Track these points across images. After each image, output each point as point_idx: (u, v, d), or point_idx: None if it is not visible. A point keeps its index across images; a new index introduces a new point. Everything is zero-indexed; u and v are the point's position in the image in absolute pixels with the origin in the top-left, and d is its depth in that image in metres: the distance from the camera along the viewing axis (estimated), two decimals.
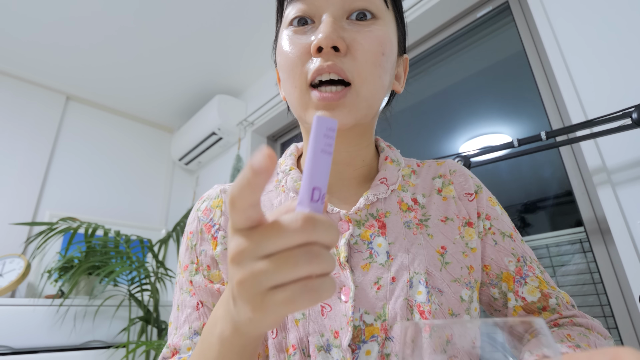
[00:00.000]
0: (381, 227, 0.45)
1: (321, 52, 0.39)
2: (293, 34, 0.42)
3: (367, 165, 0.51)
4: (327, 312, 0.40)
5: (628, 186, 0.87)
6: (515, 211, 1.25)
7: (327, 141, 0.23)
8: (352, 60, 0.40)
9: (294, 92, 0.42)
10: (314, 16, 0.42)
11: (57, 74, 2.29)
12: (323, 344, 0.39)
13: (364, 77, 0.40)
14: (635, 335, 0.88)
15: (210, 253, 0.47)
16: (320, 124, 0.23)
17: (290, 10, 0.43)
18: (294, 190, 0.48)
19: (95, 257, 1.83)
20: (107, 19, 1.90)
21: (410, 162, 0.55)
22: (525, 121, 1.31)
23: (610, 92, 0.94)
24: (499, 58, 1.44)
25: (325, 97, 0.39)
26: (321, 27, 0.39)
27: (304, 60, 0.41)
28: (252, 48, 2.13)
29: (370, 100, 0.42)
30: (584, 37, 1.02)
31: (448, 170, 0.53)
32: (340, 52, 0.39)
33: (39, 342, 1.63)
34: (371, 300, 0.40)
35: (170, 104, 2.65)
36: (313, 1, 0.41)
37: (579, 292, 1.03)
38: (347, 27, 0.41)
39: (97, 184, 2.41)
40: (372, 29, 0.41)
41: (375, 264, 0.43)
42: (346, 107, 0.40)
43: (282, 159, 0.54)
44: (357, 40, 0.40)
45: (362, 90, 0.40)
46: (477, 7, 1.45)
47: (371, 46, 0.40)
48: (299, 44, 0.41)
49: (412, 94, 1.73)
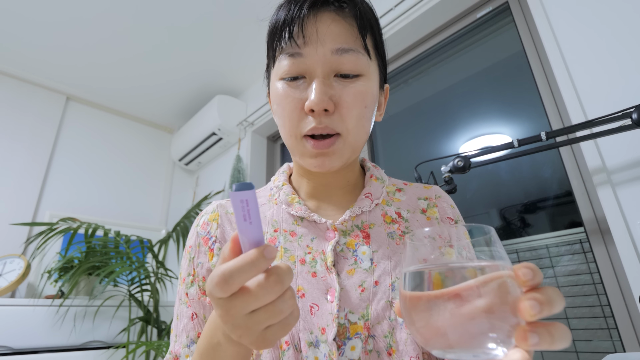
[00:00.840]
0: (365, 237, 0.50)
1: (313, 112, 0.45)
2: (287, 87, 0.47)
3: (351, 184, 0.57)
4: (315, 312, 0.45)
5: (628, 186, 0.87)
6: (515, 211, 1.25)
7: (246, 212, 0.26)
8: (339, 116, 0.46)
9: (289, 139, 0.49)
10: (305, 73, 0.47)
11: (57, 75, 2.30)
12: (312, 340, 0.43)
13: (350, 129, 0.47)
14: (635, 335, 0.88)
15: (206, 265, 0.51)
16: (234, 199, 0.26)
17: (283, 62, 0.47)
18: (286, 203, 0.54)
19: (95, 257, 1.83)
20: (107, 19, 1.90)
21: (395, 182, 0.61)
22: (525, 121, 1.31)
23: (610, 92, 0.94)
24: (499, 58, 1.44)
25: (317, 145, 0.46)
26: (312, 90, 0.45)
27: (298, 114, 0.47)
28: (252, 48, 2.13)
29: (354, 146, 0.49)
30: (584, 37, 1.02)
31: (434, 195, 0.58)
32: (329, 112, 0.45)
33: (39, 342, 1.63)
34: (355, 301, 0.45)
35: (170, 104, 2.65)
36: (304, 60, 0.46)
37: (579, 293, 1.03)
38: (334, 83, 0.46)
39: (97, 184, 2.41)
40: (356, 85, 0.46)
41: (360, 269, 0.47)
42: (335, 154, 0.47)
43: (276, 176, 0.61)
44: (343, 98, 0.46)
45: (348, 139, 0.47)
46: (477, 8, 1.45)
47: (355, 102, 0.46)
48: (293, 98, 0.47)
49: (412, 94, 1.74)
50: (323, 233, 0.50)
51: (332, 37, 0.46)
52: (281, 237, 0.51)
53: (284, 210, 0.54)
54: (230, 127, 2.33)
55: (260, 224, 0.27)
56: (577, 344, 1.00)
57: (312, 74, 0.46)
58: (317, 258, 0.48)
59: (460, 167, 0.97)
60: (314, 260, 0.48)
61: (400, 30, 1.57)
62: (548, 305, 0.23)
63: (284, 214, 0.54)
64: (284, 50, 0.47)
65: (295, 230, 0.52)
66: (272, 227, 0.53)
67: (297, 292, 0.46)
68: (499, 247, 0.26)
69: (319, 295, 0.45)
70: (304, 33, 0.46)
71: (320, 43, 0.45)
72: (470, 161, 0.97)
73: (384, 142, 1.78)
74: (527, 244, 1.17)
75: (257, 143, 2.38)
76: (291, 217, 0.53)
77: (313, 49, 0.46)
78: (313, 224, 0.52)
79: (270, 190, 0.59)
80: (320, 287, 0.46)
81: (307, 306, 0.45)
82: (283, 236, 0.51)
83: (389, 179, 0.60)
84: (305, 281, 0.47)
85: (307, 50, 0.46)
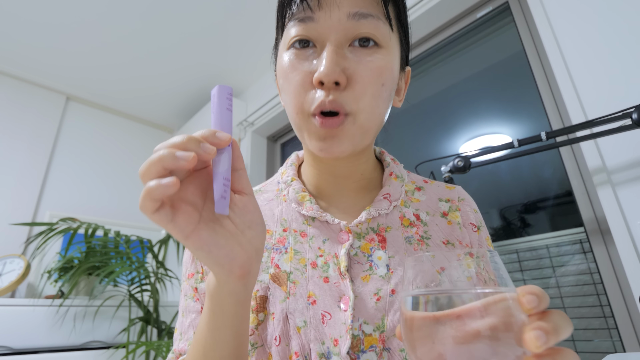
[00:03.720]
0: (381, 241, 0.46)
1: (323, 85, 0.39)
2: (295, 57, 0.42)
3: (366, 178, 0.52)
4: (327, 321, 0.41)
5: (628, 186, 0.87)
6: (515, 211, 1.25)
7: (228, 102, 0.30)
8: (351, 92, 0.40)
9: (295, 117, 0.43)
10: (316, 40, 0.41)
11: (57, 75, 2.29)
12: (324, 352, 0.39)
13: (362, 108, 0.41)
14: (635, 335, 0.88)
15: None
16: (221, 91, 0.30)
17: (292, 29, 0.43)
18: (296, 202, 0.49)
19: (95, 257, 1.83)
20: (107, 20, 1.90)
21: (415, 179, 0.55)
22: (525, 121, 1.31)
23: (610, 92, 0.94)
24: (499, 58, 1.44)
25: (325, 123, 0.40)
26: (323, 59, 0.39)
27: (306, 88, 0.41)
28: (252, 48, 2.13)
29: (366, 129, 0.43)
30: (584, 37, 1.02)
31: (457, 197, 0.53)
32: (340, 85, 0.39)
33: (38, 342, 1.63)
34: (370, 311, 0.41)
35: (170, 104, 2.65)
36: (316, 26, 0.41)
37: (579, 293, 1.03)
38: (348, 55, 0.40)
39: (97, 184, 2.41)
40: (374, 58, 0.41)
41: (375, 275, 0.43)
42: (345, 137, 0.41)
43: (284, 169, 0.55)
44: (358, 72, 0.40)
45: (359, 119, 0.41)
46: (477, 8, 1.45)
47: (371, 78, 0.40)
48: (301, 71, 0.41)
49: (413, 94, 1.74)
50: (336, 235, 0.47)
51: (350, 0, 0.40)
52: (291, 237, 0.48)
53: (293, 209, 0.50)
54: None
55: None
56: (577, 344, 1.00)
57: (323, 41, 0.41)
58: (330, 262, 0.45)
59: (460, 167, 0.97)
60: (326, 264, 0.44)
61: None
62: (555, 334, 0.21)
63: (294, 212, 0.50)
64: (294, 16, 0.42)
65: (306, 231, 0.48)
66: (281, 226, 0.49)
67: (308, 299, 0.42)
68: (503, 271, 0.25)
69: (331, 303, 0.42)
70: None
71: (336, 6, 0.40)
72: (470, 161, 0.97)
73: (383, 142, 1.78)
74: (527, 244, 1.17)
75: (257, 143, 2.38)
76: (302, 217, 0.49)
77: (327, 12, 0.40)
78: (325, 225, 0.47)
79: (277, 184, 0.55)
80: (333, 294, 0.42)
81: (318, 314, 0.41)
82: (293, 237, 0.48)
83: (408, 175, 0.55)
84: (316, 287, 0.43)
85: (320, 14, 0.40)
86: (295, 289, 0.43)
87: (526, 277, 1.15)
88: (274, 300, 0.43)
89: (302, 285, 0.44)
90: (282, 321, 0.42)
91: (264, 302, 0.44)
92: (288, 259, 0.46)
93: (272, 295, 0.44)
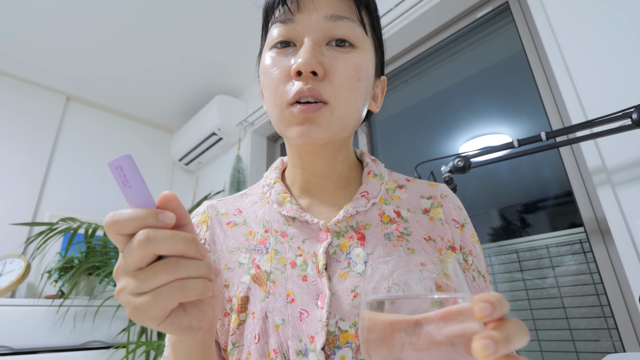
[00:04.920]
0: (360, 239, 0.47)
1: (300, 76, 0.42)
2: (276, 55, 0.45)
3: (344, 178, 0.53)
4: (304, 318, 0.42)
5: (628, 186, 0.87)
6: (515, 211, 1.25)
7: (123, 177, 0.27)
8: (329, 83, 0.42)
9: (274, 110, 0.45)
10: (295, 40, 0.45)
11: (57, 75, 2.30)
12: (301, 349, 0.40)
13: (339, 99, 0.43)
14: (635, 335, 0.88)
15: None
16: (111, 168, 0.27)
17: (274, 31, 0.46)
18: (277, 203, 0.51)
19: (95, 257, 1.83)
20: (108, 20, 1.90)
21: (397, 178, 0.57)
22: (525, 121, 1.31)
23: (610, 92, 0.94)
24: (499, 58, 1.44)
25: (303, 108, 0.42)
26: (301, 51, 0.42)
27: (285, 81, 0.43)
28: (252, 48, 2.13)
29: (343, 120, 0.44)
30: (584, 37, 1.02)
31: (440, 194, 0.54)
32: (318, 76, 0.42)
33: (39, 342, 1.63)
34: (346, 308, 0.42)
35: (170, 104, 2.65)
36: (296, 26, 0.44)
37: (579, 293, 1.03)
38: (326, 52, 0.43)
39: (97, 184, 2.41)
40: (350, 56, 0.44)
41: (353, 273, 0.44)
42: (321, 123, 0.43)
43: (268, 173, 0.57)
44: (335, 65, 0.43)
45: (336, 109, 0.43)
46: (477, 8, 1.45)
47: (347, 72, 0.43)
48: (281, 66, 0.44)
49: (413, 94, 1.74)
50: (315, 234, 0.48)
51: (327, 4, 0.44)
52: (272, 238, 0.49)
53: (275, 210, 0.51)
54: (230, 127, 2.33)
55: (144, 188, 0.27)
56: (577, 344, 1.00)
57: (302, 40, 0.44)
58: (308, 261, 0.46)
59: (460, 167, 0.97)
60: (305, 263, 0.45)
61: (400, 30, 1.57)
62: (505, 343, 0.21)
63: (276, 213, 0.51)
64: (276, 19, 0.46)
65: (286, 231, 0.49)
66: (263, 227, 0.51)
67: (287, 297, 0.44)
68: (462, 278, 0.26)
69: (309, 301, 0.43)
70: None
71: (315, 8, 0.44)
72: (470, 161, 0.97)
73: (384, 142, 1.78)
74: (527, 244, 1.18)
75: (257, 143, 2.38)
76: (282, 217, 0.50)
77: (306, 14, 0.44)
78: (305, 225, 0.49)
79: (262, 188, 0.56)
80: (311, 292, 0.43)
81: (296, 312, 0.42)
82: (274, 237, 0.49)
83: (389, 175, 0.56)
84: (295, 285, 0.44)
85: (299, 16, 0.44)
86: (275, 288, 0.45)
87: (526, 277, 1.15)
88: (254, 300, 0.45)
89: (282, 285, 0.45)
90: (262, 320, 0.43)
91: (245, 302, 0.45)
92: (268, 259, 0.47)
93: (253, 295, 0.45)
